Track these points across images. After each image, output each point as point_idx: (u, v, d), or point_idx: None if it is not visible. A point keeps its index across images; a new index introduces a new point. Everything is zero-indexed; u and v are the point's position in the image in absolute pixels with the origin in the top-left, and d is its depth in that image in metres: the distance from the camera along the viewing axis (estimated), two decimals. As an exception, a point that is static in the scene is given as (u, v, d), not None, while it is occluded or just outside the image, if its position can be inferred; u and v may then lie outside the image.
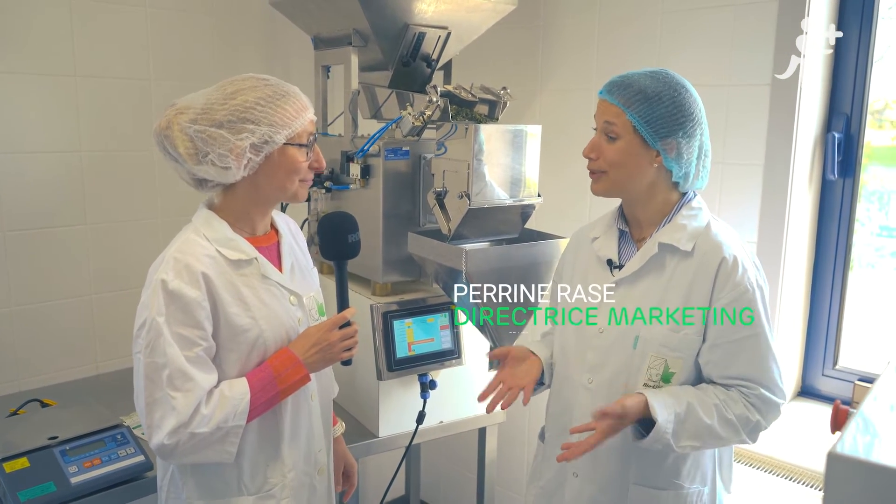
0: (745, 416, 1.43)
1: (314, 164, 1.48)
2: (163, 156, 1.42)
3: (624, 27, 2.36)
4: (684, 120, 1.44)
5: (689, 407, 1.41)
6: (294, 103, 1.41)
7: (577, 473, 1.56)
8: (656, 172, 1.47)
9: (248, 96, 1.38)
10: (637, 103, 1.43)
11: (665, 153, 1.45)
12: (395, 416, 2.05)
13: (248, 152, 1.37)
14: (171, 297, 1.34)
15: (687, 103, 1.45)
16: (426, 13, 2.04)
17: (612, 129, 1.46)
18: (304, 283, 1.58)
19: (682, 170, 1.47)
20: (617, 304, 1.51)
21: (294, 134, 1.41)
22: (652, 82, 1.45)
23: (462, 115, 1.93)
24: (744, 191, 2.15)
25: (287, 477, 1.50)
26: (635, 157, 1.45)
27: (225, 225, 1.45)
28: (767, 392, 1.44)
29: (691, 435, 1.41)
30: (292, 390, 1.46)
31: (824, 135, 2.15)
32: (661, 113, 1.42)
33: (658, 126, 1.42)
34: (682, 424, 1.40)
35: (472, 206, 1.82)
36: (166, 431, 1.32)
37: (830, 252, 2.22)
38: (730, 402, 1.43)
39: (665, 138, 1.43)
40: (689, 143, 1.45)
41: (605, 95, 1.48)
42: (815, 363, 2.28)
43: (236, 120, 1.36)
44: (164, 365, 1.33)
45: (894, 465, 0.67)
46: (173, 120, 1.38)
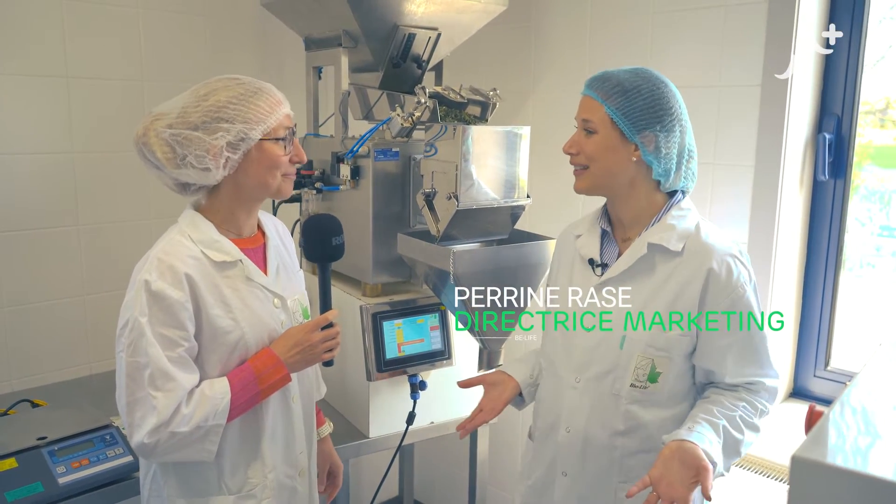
0: (760, 410, 1.48)
1: (294, 158, 1.48)
2: (144, 164, 1.43)
3: (615, 27, 2.36)
4: (662, 114, 1.44)
5: (725, 433, 1.41)
6: (267, 99, 1.42)
7: (566, 472, 1.56)
8: (636, 168, 1.47)
9: (220, 96, 1.39)
10: (615, 96, 1.44)
11: (643, 147, 1.45)
12: (385, 417, 2.06)
13: (226, 151, 1.38)
14: (154, 297, 1.35)
15: (665, 97, 1.45)
16: (416, 14, 2.04)
17: (591, 123, 1.47)
18: (290, 286, 1.59)
19: (661, 165, 1.47)
20: (605, 303, 1.51)
21: (270, 129, 1.42)
22: (631, 76, 1.46)
23: (451, 117, 1.93)
24: (734, 192, 2.14)
25: (268, 477, 1.51)
26: (613, 150, 1.46)
27: (211, 226, 1.46)
28: (769, 381, 1.49)
29: (730, 454, 1.43)
30: (273, 390, 1.47)
31: (815, 135, 2.15)
32: (639, 105, 1.43)
33: (635, 118, 1.43)
34: (726, 454, 1.41)
35: (461, 208, 1.82)
36: (146, 430, 1.33)
37: (822, 252, 2.22)
38: (747, 407, 1.46)
39: (642, 131, 1.44)
40: (668, 139, 1.45)
41: (586, 91, 1.49)
42: (807, 364, 2.28)
43: (210, 120, 1.37)
44: (145, 365, 1.33)
45: (855, 469, 0.67)
46: (149, 127, 1.39)
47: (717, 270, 1.44)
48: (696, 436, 1.36)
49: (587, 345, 1.53)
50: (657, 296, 1.47)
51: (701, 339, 1.46)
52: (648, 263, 1.49)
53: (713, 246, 1.46)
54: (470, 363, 2.12)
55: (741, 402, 1.46)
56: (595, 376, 1.51)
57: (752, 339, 1.47)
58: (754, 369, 1.48)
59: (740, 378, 1.48)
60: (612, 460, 1.51)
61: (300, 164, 1.51)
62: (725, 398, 1.47)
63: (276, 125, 1.43)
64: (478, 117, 1.97)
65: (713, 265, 1.44)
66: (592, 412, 1.51)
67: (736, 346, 1.46)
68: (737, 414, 1.44)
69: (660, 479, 1.30)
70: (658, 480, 1.30)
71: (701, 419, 1.41)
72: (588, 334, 1.52)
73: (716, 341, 1.46)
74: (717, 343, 1.46)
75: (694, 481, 1.30)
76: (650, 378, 1.46)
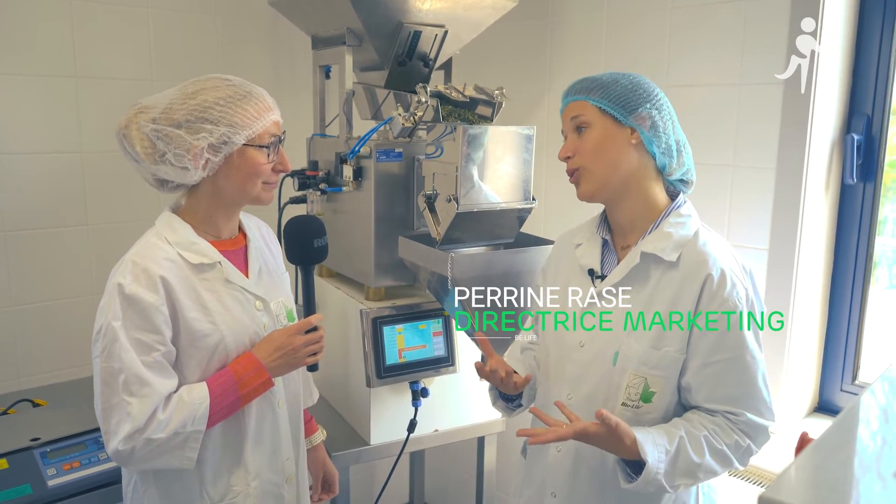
0: (736, 442, 1.35)
1: (278, 167, 1.44)
2: (123, 156, 1.40)
3: (633, 23, 2.27)
4: (647, 94, 1.40)
5: (680, 443, 1.32)
6: (256, 104, 1.38)
7: (556, 494, 1.49)
8: (638, 157, 1.40)
9: (207, 96, 1.35)
10: (596, 89, 1.40)
11: (640, 127, 1.38)
12: (387, 424, 2.01)
13: (206, 153, 1.35)
14: (128, 301, 1.32)
15: (645, 83, 1.42)
16: (421, 11, 1.98)
17: (581, 118, 1.41)
18: (273, 289, 1.55)
19: (662, 144, 1.40)
20: (598, 316, 1.44)
21: (254, 135, 1.38)
22: (606, 75, 1.43)
23: (456, 116, 1.87)
24: (754, 196, 2.04)
25: (251, 485, 1.47)
26: (611, 139, 1.39)
27: (188, 228, 1.42)
28: (754, 416, 1.35)
29: (684, 473, 1.32)
30: (254, 395, 1.43)
31: (843, 136, 2.03)
32: (622, 91, 1.39)
33: (624, 101, 1.38)
34: (673, 464, 1.31)
35: (461, 210, 1.76)
36: (121, 437, 1.30)
37: (850, 260, 2.10)
38: (719, 432, 1.35)
39: (635, 111, 1.38)
40: (661, 115, 1.40)
41: (565, 99, 1.45)
42: (833, 378, 2.16)
43: (195, 120, 1.34)
44: (119, 370, 1.30)
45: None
46: (132, 119, 1.37)
47: (713, 280, 1.34)
48: (641, 431, 1.31)
49: (580, 359, 1.45)
50: (652, 307, 1.38)
51: (688, 351, 1.37)
52: (643, 273, 1.40)
53: (711, 255, 1.37)
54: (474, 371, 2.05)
55: (713, 426, 1.35)
56: (587, 392, 1.44)
57: (737, 364, 1.34)
58: (735, 395, 1.35)
59: (717, 404, 1.36)
60: (604, 483, 1.42)
61: (284, 173, 1.47)
62: (697, 417, 1.37)
63: (262, 132, 1.39)
64: (486, 117, 1.90)
65: (711, 272, 1.35)
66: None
67: (718, 367, 1.35)
68: (701, 433, 1.33)
69: (582, 432, 1.29)
70: (580, 432, 1.29)
71: (660, 427, 1.35)
72: (581, 348, 1.45)
73: (699, 356, 1.35)
74: (699, 358, 1.35)
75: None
76: (643, 398, 1.38)
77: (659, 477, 1.29)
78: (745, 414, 1.35)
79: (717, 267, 1.35)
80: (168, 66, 2.39)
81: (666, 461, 1.30)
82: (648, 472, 1.28)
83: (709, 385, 1.36)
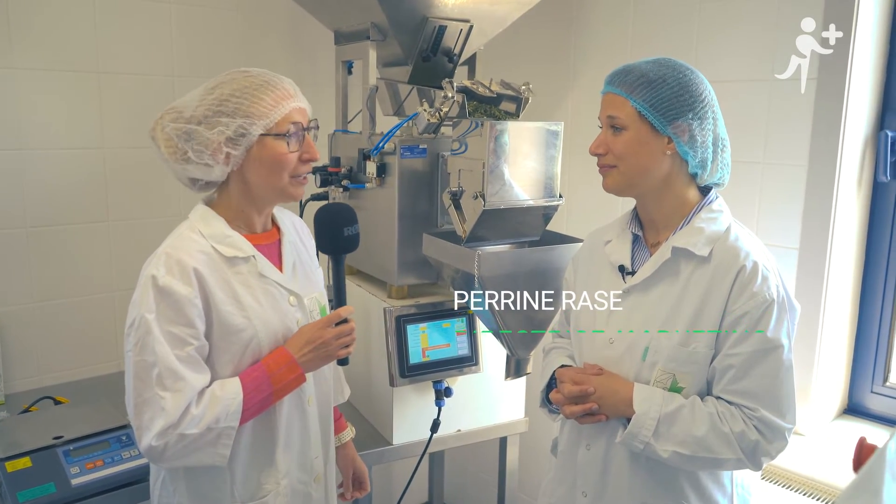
0: (743, 432, 1.30)
1: (305, 156, 1.40)
2: (157, 158, 1.39)
3: (659, 18, 2.23)
4: (693, 101, 1.33)
5: (680, 409, 1.31)
6: (273, 93, 1.35)
7: (587, 493, 1.46)
8: (671, 163, 1.37)
9: (224, 89, 1.34)
10: (640, 88, 1.34)
11: (677, 138, 1.34)
12: (410, 424, 1.99)
13: (226, 146, 1.32)
14: (162, 293, 1.29)
15: (693, 84, 1.34)
16: (446, 5, 1.95)
17: (617, 119, 1.36)
18: (307, 284, 1.52)
19: (697, 156, 1.36)
20: (628, 312, 1.41)
21: (272, 124, 1.34)
22: (654, 67, 1.36)
23: (481, 112, 1.84)
24: (785, 194, 2.00)
25: (281, 484, 1.45)
26: (645, 146, 1.35)
27: (222, 221, 1.40)
28: (771, 414, 1.31)
29: (679, 441, 1.30)
30: (287, 391, 1.40)
31: (877, 133, 1.98)
32: (667, 95, 1.32)
33: (665, 109, 1.32)
34: (668, 427, 1.30)
35: (487, 207, 1.73)
36: (155, 433, 1.27)
37: (882, 259, 2.05)
38: (728, 416, 1.31)
39: (675, 121, 1.33)
40: (703, 126, 1.34)
41: (607, 88, 1.39)
42: (864, 379, 2.12)
43: (212, 114, 1.32)
44: (153, 363, 1.28)
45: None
46: (158, 121, 1.36)
47: (745, 273, 1.31)
48: (640, 385, 1.36)
49: (610, 356, 1.43)
50: (683, 303, 1.35)
51: (716, 346, 1.34)
52: (674, 269, 1.37)
53: (743, 248, 1.34)
54: (499, 370, 2.03)
55: (723, 409, 1.32)
56: None
57: (762, 358, 1.30)
58: (756, 390, 1.30)
59: (736, 396, 1.32)
60: (634, 483, 1.40)
61: (315, 164, 1.43)
62: (711, 399, 1.34)
63: (281, 120, 1.35)
64: (511, 113, 1.87)
65: (742, 267, 1.32)
66: (613, 430, 1.41)
67: (742, 359, 1.31)
68: (708, 410, 1.31)
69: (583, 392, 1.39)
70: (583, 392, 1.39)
71: (666, 392, 1.36)
72: (611, 345, 1.43)
73: (724, 347, 1.32)
74: (725, 349, 1.32)
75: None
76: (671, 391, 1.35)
77: (647, 432, 1.30)
78: (761, 410, 1.30)
79: (749, 259, 1.32)
80: (190, 61, 2.37)
81: (657, 419, 1.30)
82: (636, 422, 1.31)
83: (731, 375, 1.32)
